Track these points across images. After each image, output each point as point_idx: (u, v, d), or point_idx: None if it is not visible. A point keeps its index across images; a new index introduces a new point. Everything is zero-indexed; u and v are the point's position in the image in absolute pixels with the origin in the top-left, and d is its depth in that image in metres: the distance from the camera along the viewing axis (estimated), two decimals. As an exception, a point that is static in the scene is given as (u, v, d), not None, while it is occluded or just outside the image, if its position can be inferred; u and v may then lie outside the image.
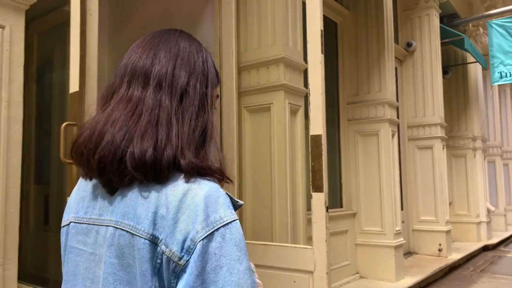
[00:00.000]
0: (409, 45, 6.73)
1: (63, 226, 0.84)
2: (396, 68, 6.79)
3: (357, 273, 4.84)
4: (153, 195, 0.69)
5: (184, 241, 0.65)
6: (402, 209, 6.63)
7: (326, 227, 2.41)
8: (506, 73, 7.51)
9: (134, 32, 3.55)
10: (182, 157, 0.71)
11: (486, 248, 8.12)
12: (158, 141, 0.70)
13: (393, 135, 5.03)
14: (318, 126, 2.44)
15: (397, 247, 4.73)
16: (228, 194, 0.73)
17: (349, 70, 5.19)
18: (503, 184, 10.18)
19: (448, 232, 6.44)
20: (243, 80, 3.38)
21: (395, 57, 6.69)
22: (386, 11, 5.06)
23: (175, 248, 0.65)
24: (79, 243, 0.78)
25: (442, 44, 8.34)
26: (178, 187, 0.69)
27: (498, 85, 8.40)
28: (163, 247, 0.66)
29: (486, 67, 8.06)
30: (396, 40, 6.83)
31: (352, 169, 4.97)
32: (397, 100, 6.75)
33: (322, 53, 2.60)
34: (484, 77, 9.35)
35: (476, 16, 7.86)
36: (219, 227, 0.66)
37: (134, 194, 0.71)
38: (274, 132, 3.20)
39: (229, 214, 0.69)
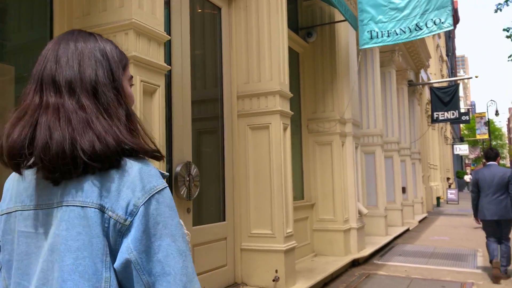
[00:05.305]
0: (238, -24, 4.54)
1: (1, 215, 0.94)
2: (220, 9, 4.56)
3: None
4: (97, 175, 0.84)
5: (127, 206, 0.82)
6: (224, 219, 4.45)
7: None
8: (377, 32, 5.67)
9: None
10: (122, 143, 0.84)
11: (356, 263, 6.30)
12: (98, 134, 0.83)
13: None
14: None
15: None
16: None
17: None
18: (383, 180, 8.57)
19: (288, 251, 4.37)
20: None
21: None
22: None
23: (121, 212, 0.82)
24: (28, 227, 0.89)
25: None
26: (117, 167, 0.84)
27: (367, 48, 6.60)
28: (109, 213, 0.82)
29: (356, 28, 6.20)
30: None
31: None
32: (222, 59, 4.53)
33: None
34: (365, 52, 7.59)
35: (342, -43, 5.93)
36: (154, 194, 0.84)
37: (81, 179, 0.84)
38: None
39: (161, 183, 0.86)
